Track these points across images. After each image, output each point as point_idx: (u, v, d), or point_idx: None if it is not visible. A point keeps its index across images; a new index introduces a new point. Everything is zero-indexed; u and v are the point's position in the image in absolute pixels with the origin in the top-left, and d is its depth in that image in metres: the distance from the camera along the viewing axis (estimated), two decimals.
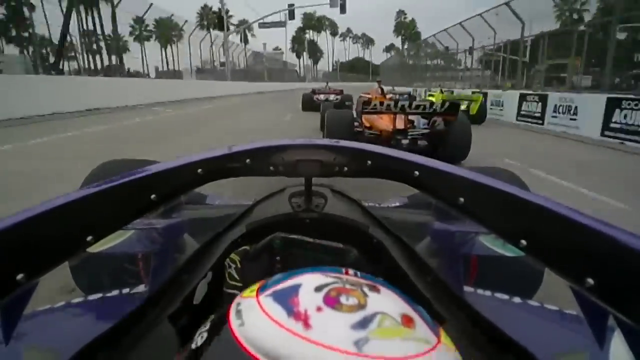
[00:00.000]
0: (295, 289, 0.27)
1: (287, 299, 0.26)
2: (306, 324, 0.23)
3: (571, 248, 0.42)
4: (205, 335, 0.26)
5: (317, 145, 0.75)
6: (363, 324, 0.23)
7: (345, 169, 0.74)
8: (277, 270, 0.74)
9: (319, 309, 0.24)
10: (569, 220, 0.42)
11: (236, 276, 0.68)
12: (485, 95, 10.08)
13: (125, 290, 0.63)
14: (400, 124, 4.24)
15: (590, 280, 0.38)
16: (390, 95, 5.41)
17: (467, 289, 0.63)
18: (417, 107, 3.87)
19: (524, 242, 0.47)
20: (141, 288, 0.64)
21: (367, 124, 4.50)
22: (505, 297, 0.64)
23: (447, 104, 3.79)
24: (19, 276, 0.39)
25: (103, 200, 0.52)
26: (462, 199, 0.58)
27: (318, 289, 0.26)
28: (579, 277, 0.39)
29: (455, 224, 0.85)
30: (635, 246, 0.35)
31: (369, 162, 0.72)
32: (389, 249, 0.75)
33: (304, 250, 0.72)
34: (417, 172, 0.67)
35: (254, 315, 0.25)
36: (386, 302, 0.27)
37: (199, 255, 0.73)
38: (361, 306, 0.25)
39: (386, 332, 0.23)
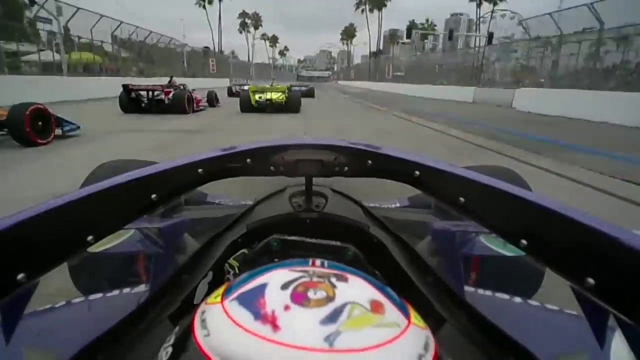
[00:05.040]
0: (262, 289, 0.26)
1: (253, 301, 0.25)
2: (274, 326, 0.22)
3: (571, 248, 0.42)
4: (170, 350, 0.25)
5: (318, 145, 0.75)
6: (333, 317, 0.23)
7: (346, 168, 0.74)
8: None
9: (286, 307, 0.23)
10: (569, 220, 0.41)
11: None
12: None
13: (126, 290, 0.63)
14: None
15: (591, 280, 0.38)
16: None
17: (468, 288, 0.63)
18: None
19: (524, 241, 0.47)
20: (142, 288, 0.64)
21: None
22: (506, 296, 0.64)
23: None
24: (20, 276, 0.39)
25: (104, 200, 0.52)
26: (462, 199, 0.58)
27: (285, 286, 0.26)
28: (580, 277, 0.39)
29: (455, 223, 0.85)
30: (636, 246, 0.35)
31: (370, 162, 0.72)
32: (390, 248, 0.75)
33: (301, 251, 0.72)
34: (417, 172, 0.67)
35: (219, 323, 0.24)
36: (354, 290, 0.26)
37: (200, 255, 0.73)
38: (330, 298, 0.24)
39: (357, 322, 0.23)
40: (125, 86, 9.19)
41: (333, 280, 0.26)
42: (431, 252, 0.75)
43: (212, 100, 11.40)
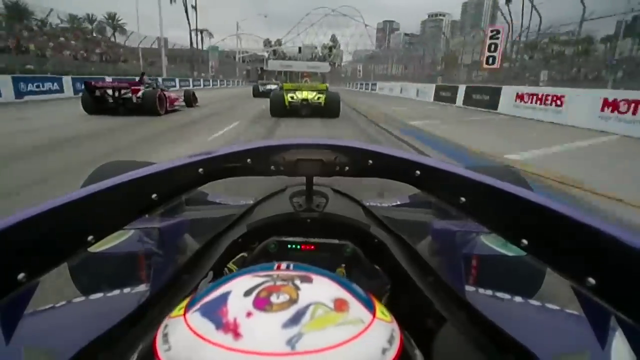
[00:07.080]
0: (224, 297, 0.26)
1: (215, 311, 0.24)
2: (236, 334, 0.22)
3: (572, 247, 0.42)
4: None
5: (318, 144, 0.75)
6: (295, 319, 0.22)
7: (347, 168, 0.74)
8: None
9: (248, 314, 0.23)
10: (570, 219, 0.41)
11: None
12: None
13: (126, 290, 0.63)
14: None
15: (592, 280, 0.38)
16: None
17: (468, 288, 0.63)
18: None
19: (525, 241, 0.47)
20: (142, 288, 0.64)
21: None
22: (507, 296, 0.64)
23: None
24: (20, 275, 0.39)
25: (104, 199, 0.52)
26: (463, 199, 0.58)
27: (248, 292, 0.25)
28: (580, 277, 0.39)
29: (456, 223, 0.85)
30: (636, 245, 0.35)
31: (370, 161, 0.72)
32: (390, 248, 0.75)
33: (300, 251, 0.72)
34: (418, 172, 0.66)
35: (180, 336, 0.24)
36: (318, 290, 0.26)
37: (200, 255, 0.73)
38: (293, 301, 0.24)
39: (320, 323, 0.23)
40: (87, 84, 7.65)
41: (297, 282, 0.26)
42: (432, 251, 0.75)
43: (190, 99, 10.42)
